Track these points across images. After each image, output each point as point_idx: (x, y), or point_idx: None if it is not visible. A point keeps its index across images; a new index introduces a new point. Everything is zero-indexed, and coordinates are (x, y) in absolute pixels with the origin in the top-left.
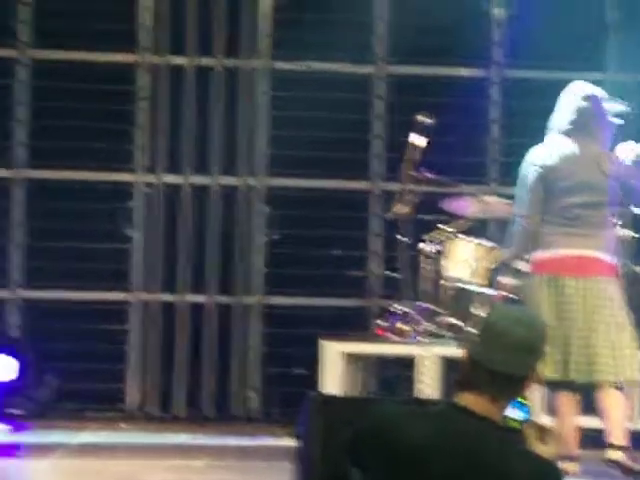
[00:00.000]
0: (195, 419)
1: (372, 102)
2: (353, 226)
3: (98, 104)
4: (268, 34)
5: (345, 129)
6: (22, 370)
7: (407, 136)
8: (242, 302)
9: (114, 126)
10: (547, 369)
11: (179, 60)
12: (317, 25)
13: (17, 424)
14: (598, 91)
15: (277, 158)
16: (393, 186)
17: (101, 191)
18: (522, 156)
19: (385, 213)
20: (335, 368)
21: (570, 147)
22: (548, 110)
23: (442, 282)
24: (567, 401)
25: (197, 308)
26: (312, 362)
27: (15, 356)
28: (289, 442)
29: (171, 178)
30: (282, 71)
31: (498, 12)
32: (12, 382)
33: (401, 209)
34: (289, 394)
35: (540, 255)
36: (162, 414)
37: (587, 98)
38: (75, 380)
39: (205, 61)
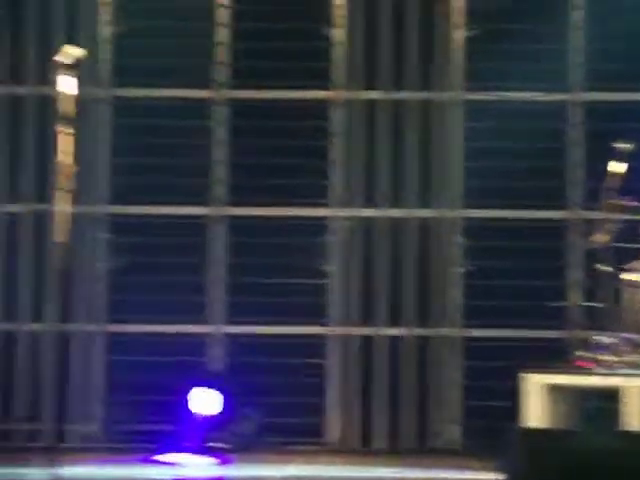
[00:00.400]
0: (395, 452)
1: (567, 130)
2: (550, 256)
3: (294, 141)
4: (460, 66)
5: (540, 157)
6: (225, 404)
7: (605, 163)
8: (440, 334)
9: (310, 162)
10: None
11: (373, 95)
12: (509, 55)
13: (222, 457)
14: None
15: (472, 189)
16: (592, 214)
17: (298, 226)
18: None
19: (584, 242)
20: (536, 400)
21: None
22: None
23: None
24: None
25: (395, 341)
26: (512, 394)
27: (219, 390)
28: (489, 475)
29: (367, 212)
30: (475, 102)
31: None
32: (216, 416)
33: (601, 238)
34: (489, 427)
35: None
36: (363, 447)
37: None
38: (277, 414)
39: (398, 95)
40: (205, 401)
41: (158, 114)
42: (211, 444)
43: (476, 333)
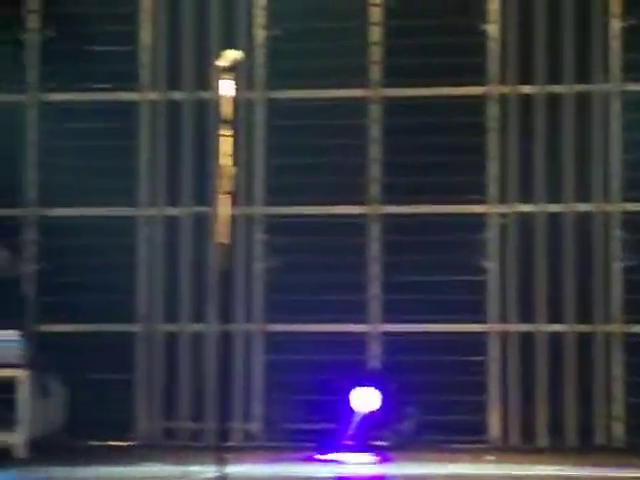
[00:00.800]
0: (558, 450)
1: None
2: None
3: (449, 138)
4: (617, 56)
5: None
6: (385, 402)
7: None
8: (602, 330)
9: (466, 158)
10: None
11: (528, 89)
12: None
13: (383, 455)
14: None
15: (631, 182)
16: None
17: (454, 223)
18: None
19: None
20: None
21: None
22: None
23: None
24: None
25: (556, 337)
26: None
27: (378, 388)
28: None
29: (525, 207)
30: (633, 93)
31: None
32: (376, 414)
33: None
34: None
35: None
36: (524, 445)
37: None
38: (436, 412)
39: (555, 88)
40: (365, 399)
41: (313, 115)
42: (372, 442)
43: (637, 329)
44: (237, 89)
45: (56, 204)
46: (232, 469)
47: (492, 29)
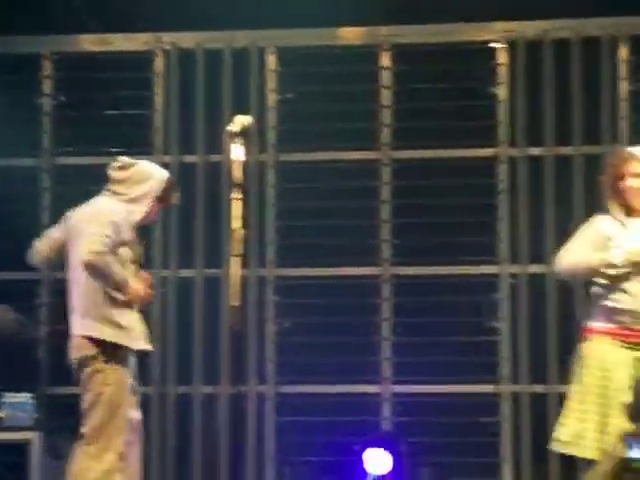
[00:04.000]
0: None
1: None
2: None
3: (459, 199)
4: (626, 118)
5: None
6: (396, 464)
7: None
8: None
9: (476, 219)
10: None
11: (538, 151)
12: None
13: None
14: None
15: None
16: None
17: (466, 284)
18: None
19: None
20: None
21: None
22: None
23: None
24: None
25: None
26: None
27: (389, 450)
28: None
29: (535, 268)
30: None
31: None
32: (388, 476)
33: None
34: None
35: None
36: None
37: None
38: (449, 474)
39: (564, 150)
40: (377, 461)
41: (324, 177)
42: None
43: None
44: (248, 153)
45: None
46: None
47: (501, 92)
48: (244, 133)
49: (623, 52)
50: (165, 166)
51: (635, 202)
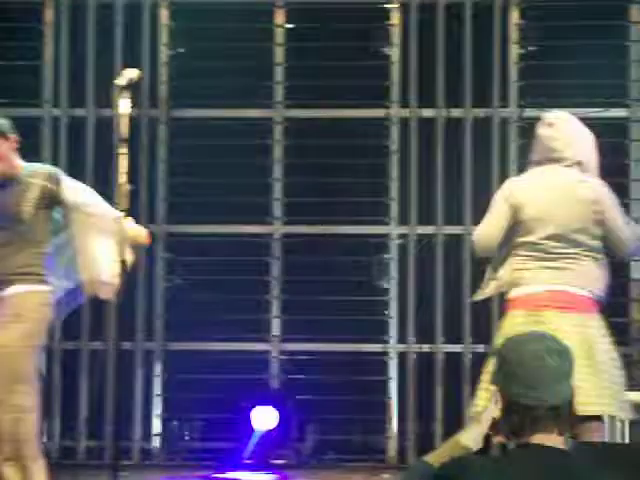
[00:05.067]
0: None
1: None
2: None
3: (351, 159)
4: (516, 82)
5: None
6: (283, 421)
7: None
8: None
9: (368, 180)
10: None
11: (429, 112)
12: (561, 71)
13: (281, 474)
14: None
15: None
16: None
17: (356, 244)
18: None
19: None
20: None
21: None
22: None
23: None
24: None
25: (453, 357)
26: None
27: (277, 407)
28: None
29: (424, 229)
30: (530, 119)
31: None
32: (274, 433)
33: None
34: None
35: None
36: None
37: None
38: (335, 431)
39: (455, 112)
40: (264, 418)
41: (215, 134)
42: (271, 461)
43: None
44: (138, 107)
45: None
46: None
47: (394, 53)
48: (132, 87)
49: (514, 16)
50: (54, 119)
51: None
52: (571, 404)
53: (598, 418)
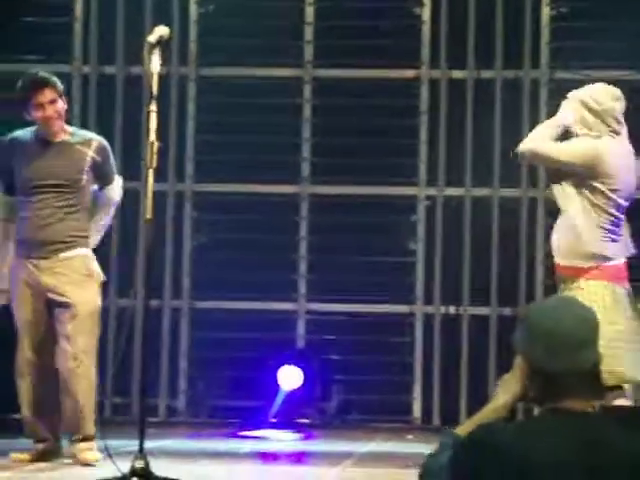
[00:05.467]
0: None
1: None
2: None
3: (380, 120)
4: (547, 44)
5: None
6: (309, 380)
7: None
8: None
9: (396, 141)
10: None
11: (459, 74)
12: (594, 34)
13: (305, 433)
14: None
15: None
16: None
17: (383, 205)
18: None
19: None
20: None
21: None
22: None
23: None
24: None
25: (478, 320)
26: None
27: (302, 366)
28: None
29: (453, 191)
30: (561, 81)
31: None
32: (300, 392)
33: None
34: None
35: None
36: (445, 426)
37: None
38: (360, 391)
39: (485, 74)
40: (290, 377)
41: (244, 92)
42: (295, 419)
43: None
44: (167, 65)
45: None
46: (155, 444)
47: (425, 13)
48: (162, 44)
49: None
50: (84, 77)
51: None
52: (597, 370)
53: (620, 387)
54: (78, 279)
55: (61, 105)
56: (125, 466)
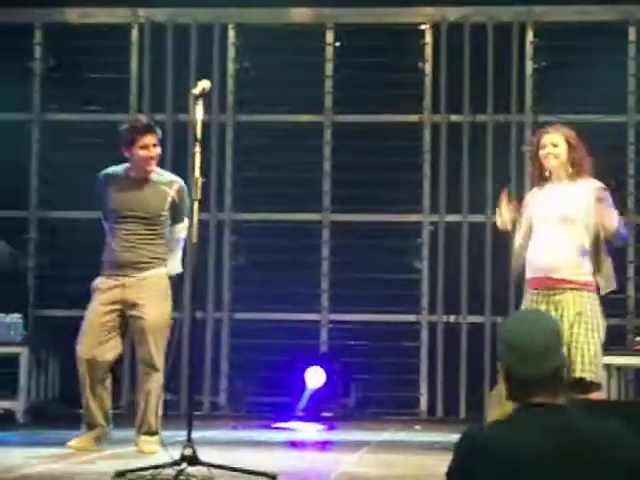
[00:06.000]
0: (476, 421)
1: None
2: None
3: (390, 158)
4: (531, 92)
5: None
6: (331, 380)
7: None
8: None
9: (404, 176)
10: None
11: (456, 118)
12: (571, 83)
13: (329, 425)
14: None
15: None
16: None
17: (393, 230)
18: None
19: None
20: None
21: None
22: None
23: None
24: None
25: (475, 327)
26: None
27: (325, 368)
28: None
29: (452, 217)
30: (543, 123)
31: None
32: (323, 389)
33: None
34: None
35: None
36: (448, 417)
37: None
38: (375, 389)
39: (479, 118)
40: (315, 377)
41: (274, 136)
42: (320, 413)
43: None
44: (207, 112)
45: (54, 207)
46: (200, 434)
47: (427, 67)
48: (204, 95)
49: (529, 36)
50: None
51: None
52: (560, 372)
53: (599, 386)
54: (155, 295)
55: (159, 150)
56: (176, 453)
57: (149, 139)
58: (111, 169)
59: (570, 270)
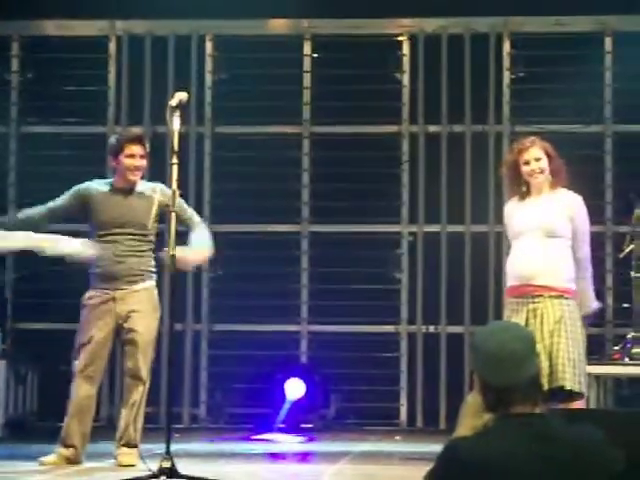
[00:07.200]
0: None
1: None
2: None
3: (368, 169)
4: (508, 102)
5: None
6: (311, 391)
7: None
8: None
9: (382, 186)
10: None
11: (434, 128)
12: (547, 94)
13: (308, 436)
14: None
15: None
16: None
17: (372, 241)
18: None
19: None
20: None
21: None
22: None
23: None
24: None
25: (454, 337)
26: None
27: (305, 379)
28: None
29: (430, 227)
30: (520, 133)
31: None
32: (303, 401)
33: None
34: None
35: None
36: (427, 427)
37: None
38: (354, 400)
39: (456, 128)
40: (295, 389)
41: (253, 147)
42: (300, 425)
43: None
44: (184, 124)
45: None
46: (179, 446)
47: (405, 78)
48: (181, 107)
49: (506, 46)
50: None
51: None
52: (537, 380)
53: (581, 396)
54: (145, 309)
55: (145, 163)
56: (154, 466)
57: (137, 149)
58: (94, 183)
59: (550, 276)
